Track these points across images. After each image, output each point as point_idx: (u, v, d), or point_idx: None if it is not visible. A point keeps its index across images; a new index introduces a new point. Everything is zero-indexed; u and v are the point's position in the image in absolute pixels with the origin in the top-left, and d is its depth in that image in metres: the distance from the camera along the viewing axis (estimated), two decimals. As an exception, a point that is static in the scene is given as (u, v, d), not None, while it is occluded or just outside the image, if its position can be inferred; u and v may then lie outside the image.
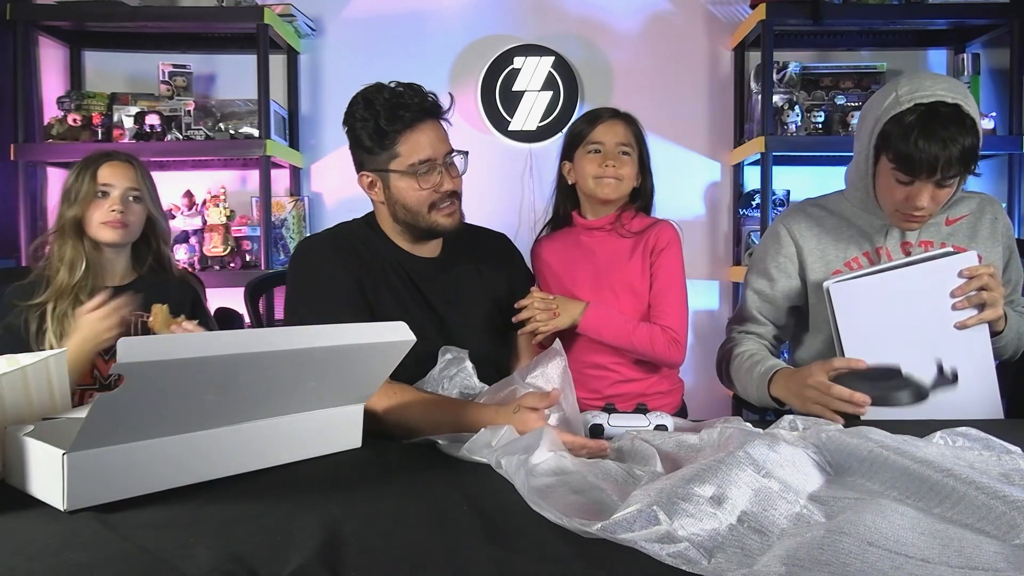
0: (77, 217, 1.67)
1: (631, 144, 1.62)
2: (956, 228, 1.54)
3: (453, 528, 0.81)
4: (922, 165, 1.34)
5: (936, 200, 1.40)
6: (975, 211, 1.56)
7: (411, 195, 1.44)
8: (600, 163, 1.59)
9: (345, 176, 3.24)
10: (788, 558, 0.68)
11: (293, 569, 0.69)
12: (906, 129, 1.34)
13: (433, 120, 1.45)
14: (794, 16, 2.66)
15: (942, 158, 1.32)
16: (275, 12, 2.71)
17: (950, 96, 1.34)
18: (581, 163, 1.63)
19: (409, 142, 1.42)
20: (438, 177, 1.44)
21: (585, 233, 1.68)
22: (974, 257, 1.39)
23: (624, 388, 1.65)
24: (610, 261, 1.65)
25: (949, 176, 1.35)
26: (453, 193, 1.46)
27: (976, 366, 1.40)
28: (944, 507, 0.83)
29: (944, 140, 1.31)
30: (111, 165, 1.71)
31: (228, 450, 0.98)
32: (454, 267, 1.55)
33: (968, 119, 1.33)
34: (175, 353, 0.84)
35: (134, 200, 1.71)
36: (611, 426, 1.19)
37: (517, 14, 2.98)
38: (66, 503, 0.84)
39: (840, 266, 1.56)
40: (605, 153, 1.60)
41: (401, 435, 1.22)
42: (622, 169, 1.60)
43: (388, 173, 1.44)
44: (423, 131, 1.43)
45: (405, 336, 1.09)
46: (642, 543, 0.72)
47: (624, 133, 1.62)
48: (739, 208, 2.95)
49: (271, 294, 2.63)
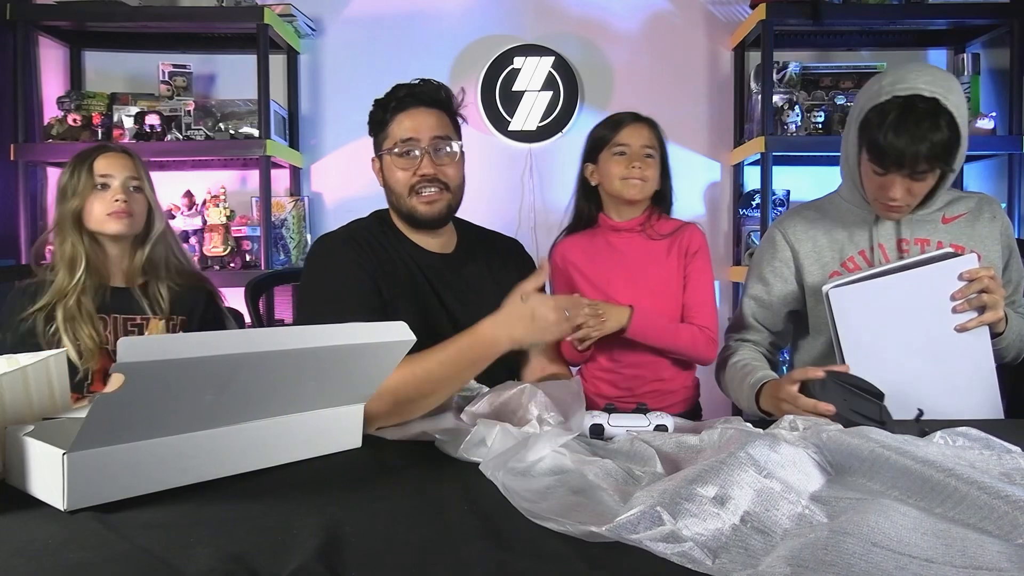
0: (77, 210, 1.64)
1: (654, 147, 1.66)
2: (953, 226, 1.54)
3: (453, 528, 0.81)
4: (891, 158, 1.35)
5: (913, 192, 1.41)
6: (973, 210, 1.56)
7: (394, 176, 1.48)
8: (626, 165, 1.62)
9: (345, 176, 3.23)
10: (792, 558, 0.68)
11: (293, 569, 0.69)
12: (880, 121, 1.35)
13: (427, 107, 1.48)
14: (794, 16, 2.66)
15: (909, 153, 1.33)
16: (275, 12, 2.71)
17: (929, 90, 1.33)
18: (607, 165, 1.65)
19: (397, 123, 1.47)
20: (418, 160, 1.46)
21: (613, 234, 1.70)
22: (974, 259, 1.39)
23: (656, 386, 1.68)
24: (644, 263, 1.67)
25: (920, 171, 1.36)
26: (435, 179, 1.46)
27: (976, 368, 1.39)
28: (946, 507, 0.83)
29: (913, 135, 1.32)
30: (107, 156, 1.69)
31: (228, 450, 0.98)
32: (467, 264, 1.56)
33: (946, 114, 1.32)
34: (175, 353, 0.83)
35: (135, 190, 1.69)
36: (611, 426, 1.19)
37: (517, 14, 2.98)
38: (66, 503, 0.84)
39: (837, 267, 1.56)
40: (631, 155, 1.63)
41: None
42: (647, 171, 1.63)
43: (382, 155, 1.51)
44: (412, 115, 1.47)
45: (405, 336, 1.09)
46: (647, 542, 0.72)
47: (648, 136, 1.66)
48: (739, 208, 2.95)
49: (271, 293, 2.63)
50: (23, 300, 1.64)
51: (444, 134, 1.48)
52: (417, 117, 1.46)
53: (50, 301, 1.62)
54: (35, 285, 1.66)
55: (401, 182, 1.47)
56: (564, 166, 2.99)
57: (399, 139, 1.46)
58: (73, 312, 1.61)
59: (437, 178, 1.46)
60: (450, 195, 1.49)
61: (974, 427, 1.09)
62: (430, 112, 1.48)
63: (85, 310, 1.63)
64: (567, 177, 2.95)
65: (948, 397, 1.38)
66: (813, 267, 1.58)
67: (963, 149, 1.39)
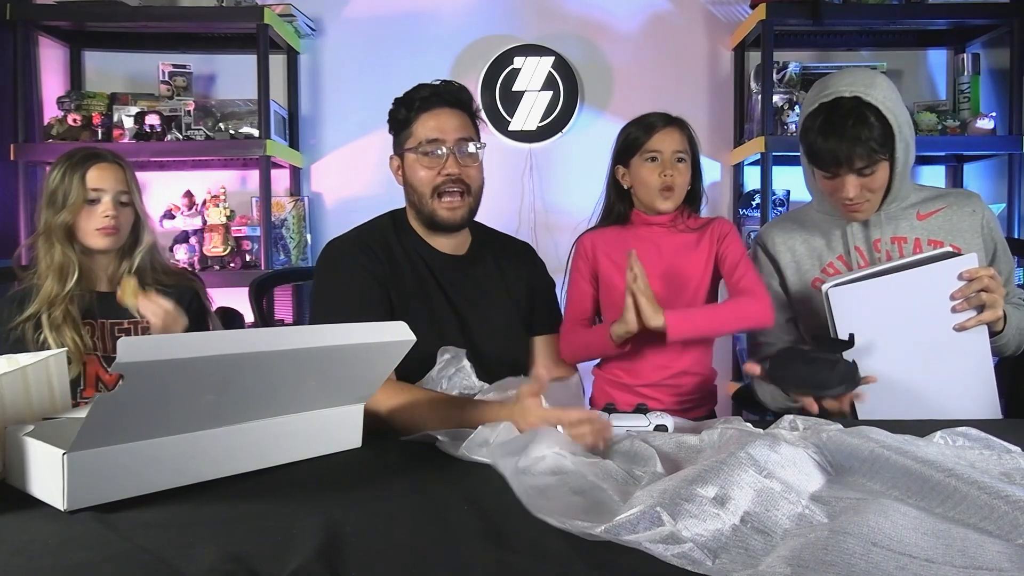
0: (67, 224, 1.64)
1: (686, 150, 1.65)
2: (930, 222, 1.55)
3: (453, 528, 0.81)
4: (827, 160, 1.43)
5: (869, 188, 1.46)
6: (952, 205, 1.57)
7: (418, 175, 1.48)
8: (659, 172, 1.61)
9: (345, 176, 3.23)
10: (793, 559, 0.68)
11: (293, 569, 0.69)
12: (811, 127, 1.45)
13: (451, 108, 1.48)
14: (794, 16, 2.66)
15: (841, 152, 1.41)
16: (275, 12, 2.71)
17: (848, 90, 1.41)
18: (639, 172, 1.64)
19: (422, 123, 1.48)
20: (444, 160, 1.46)
21: (645, 228, 1.69)
22: (975, 259, 1.39)
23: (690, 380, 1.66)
24: (676, 253, 1.65)
25: (861, 166, 1.42)
26: (459, 180, 1.47)
27: (975, 368, 1.39)
28: (946, 507, 0.83)
29: (841, 135, 1.40)
30: (100, 168, 1.67)
31: (228, 450, 0.98)
32: (478, 266, 1.56)
33: (872, 108, 1.39)
34: (175, 353, 0.83)
35: (123, 204, 1.69)
36: (611, 426, 1.19)
37: (517, 14, 2.98)
38: (66, 503, 0.84)
39: (817, 274, 1.58)
40: (663, 162, 1.62)
41: (403, 433, 1.22)
42: (678, 177, 1.62)
43: (404, 153, 1.50)
44: (437, 115, 1.47)
45: (405, 336, 1.09)
46: (647, 544, 0.72)
47: (680, 140, 1.64)
48: (739, 208, 2.95)
49: (271, 294, 2.63)
50: (11, 309, 1.63)
51: (468, 135, 1.49)
52: (442, 117, 1.47)
53: (38, 309, 1.61)
54: (22, 293, 1.64)
55: (425, 182, 1.47)
56: (564, 166, 2.99)
57: (424, 139, 1.46)
58: (58, 320, 1.60)
59: (461, 179, 1.47)
60: (471, 199, 1.50)
61: (974, 427, 1.09)
62: (454, 113, 1.49)
63: (71, 317, 1.62)
64: (567, 177, 2.99)
65: (946, 396, 1.39)
66: (793, 276, 1.61)
67: (904, 138, 1.43)
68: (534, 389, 1.14)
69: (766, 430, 1.08)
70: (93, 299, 1.68)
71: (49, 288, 1.62)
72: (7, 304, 1.64)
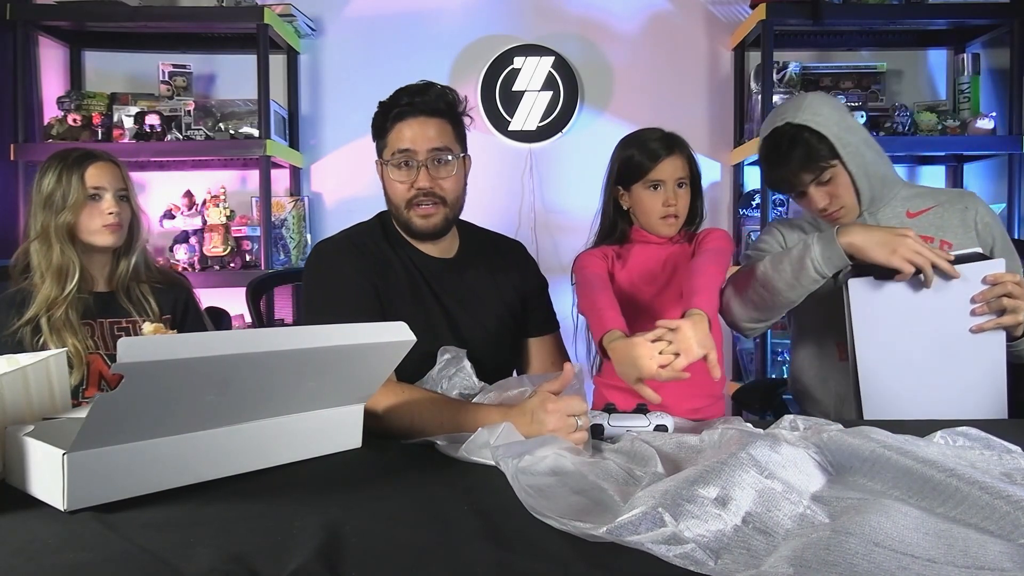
0: (69, 223, 1.63)
1: (687, 174, 1.66)
2: (920, 219, 1.57)
3: (453, 528, 0.81)
4: (781, 186, 1.58)
5: (834, 194, 1.53)
6: (943, 203, 1.59)
7: (392, 186, 1.47)
8: (662, 201, 1.62)
9: (345, 176, 3.23)
10: (795, 559, 0.68)
11: (293, 569, 0.69)
12: (761, 163, 1.60)
13: (426, 116, 1.44)
14: (794, 16, 2.66)
15: (788, 174, 1.53)
16: (275, 12, 2.71)
17: (781, 119, 1.52)
18: (640, 197, 1.65)
19: (396, 132, 1.45)
20: (415, 173, 1.43)
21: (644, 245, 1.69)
22: (1001, 264, 1.39)
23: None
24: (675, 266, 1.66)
25: (811, 178, 1.52)
26: (431, 193, 1.44)
27: (987, 370, 1.39)
28: (947, 507, 0.83)
29: (779, 161, 1.53)
30: (98, 166, 1.67)
31: (228, 450, 0.98)
32: (468, 269, 1.55)
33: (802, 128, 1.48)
34: (175, 353, 0.83)
35: (122, 200, 1.70)
36: (611, 426, 1.19)
37: (517, 14, 2.98)
38: (66, 503, 0.84)
39: None
40: (665, 190, 1.63)
41: (403, 435, 1.22)
42: (680, 204, 1.64)
43: (380, 162, 1.50)
44: (410, 124, 1.44)
45: (405, 336, 1.09)
46: (649, 545, 0.72)
47: (682, 166, 1.65)
48: (739, 208, 2.95)
49: (271, 294, 2.63)
50: (10, 312, 1.61)
51: (443, 145, 1.44)
52: (415, 127, 1.43)
53: (37, 312, 1.60)
54: (20, 295, 1.63)
55: (398, 194, 1.46)
56: (564, 166, 2.99)
57: (396, 149, 1.44)
58: (59, 323, 1.60)
59: (433, 192, 1.44)
60: (447, 208, 1.47)
61: (974, 427, 1.09)
62: (430, 122, 1.44)
63: (70, 320, 1.62)
64: (567, 177, 2.99)
65: (957, 396, 1.39)
66: None
67: (849, 143, 1.49)
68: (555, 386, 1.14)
69: (766, 430, 1.08)
70: (91, 300, 1.68)
71: (48, 290, 1.61)
72: (5, 308, 1.62)
